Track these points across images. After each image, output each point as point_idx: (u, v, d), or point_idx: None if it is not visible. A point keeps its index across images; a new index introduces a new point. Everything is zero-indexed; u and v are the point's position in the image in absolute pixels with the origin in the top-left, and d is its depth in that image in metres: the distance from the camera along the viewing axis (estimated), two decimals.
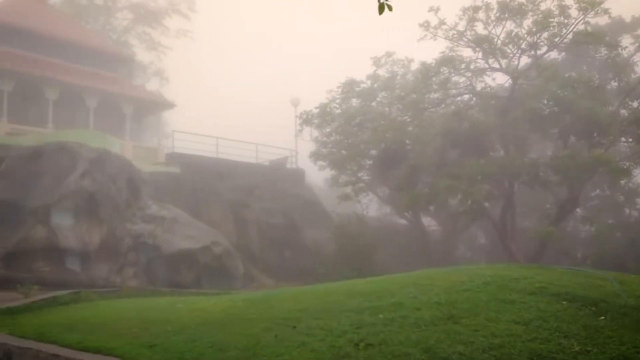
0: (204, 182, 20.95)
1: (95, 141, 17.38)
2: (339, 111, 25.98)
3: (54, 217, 14.56)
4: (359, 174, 26.03)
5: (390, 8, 4.47)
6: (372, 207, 29.40)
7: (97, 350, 6.08)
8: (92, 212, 15.18)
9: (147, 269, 15.81)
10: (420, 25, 21.39)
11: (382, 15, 4.51)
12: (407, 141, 22.95)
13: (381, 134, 22.17)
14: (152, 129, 29.73)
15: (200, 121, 39.75)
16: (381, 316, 6.83)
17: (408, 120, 23.27)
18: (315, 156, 26.36)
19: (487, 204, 20.67)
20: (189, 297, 12.16)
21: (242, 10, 75.02)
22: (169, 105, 27.76)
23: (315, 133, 26.86)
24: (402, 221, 26.83)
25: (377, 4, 4.50)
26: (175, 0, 40.29)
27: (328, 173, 28.10)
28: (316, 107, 25.58)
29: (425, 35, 21.61)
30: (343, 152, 25.40)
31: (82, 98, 23.68)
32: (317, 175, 32.17)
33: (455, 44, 21.79)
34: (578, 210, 24.62)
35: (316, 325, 6.60)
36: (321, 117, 25.44)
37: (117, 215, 15.76)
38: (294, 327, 6.64)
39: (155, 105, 27.40)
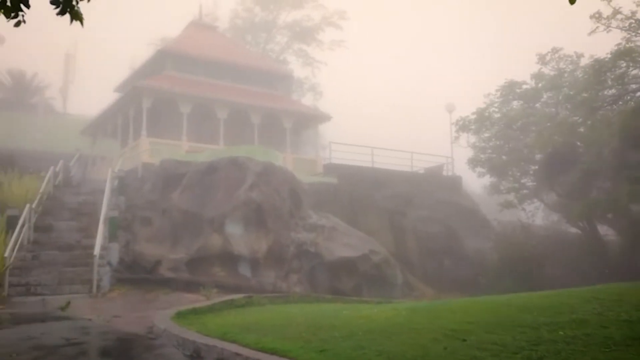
0: (360, 191, 21.30)
1: (260, 155, 18.61)
2: (498, 115, 24.78)
3: (227, 226, 15.80)
4: (523, 180, 24.50)
5: None
6: (537, 215, 27.49)
7: (272, 352, 6.40)
8: (259, 221, 16.20)
9: (310, 275, 16.41)
10: (591, 16, 19.58)
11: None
12: (578, 143, 21.09)
13: (547, 136, 20.65)
14: (309, 141, 31.11)
15: (353, 131, 40.71)
16: (561, 333, 6.27)
17: (579, 121, 21.38)
18: (474, 162, 25.39)
19: None
20: (351, 304, 12.38)
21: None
22: (325, 117, 28.83)
23: (473, 139, 25.92)
24: (574, 230, 24.63)
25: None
26: (328, 12, 41.82)
27: (487, 180, 26.91)
28: (473, 113, 24.69)
29: (597, 28, 19.73)
30: (504, 157, 24.13)
31: (248, 115, 25.61)
32: (475, 182, 30.99)
33: (633, 34, 19.57)
34: None
35: (488, 340, 6.25)
36: (479, 122, 24.47)
37: (282, 224, 16.61)
38: (464, 340, 6.36)
39: (313, 119, 28.63)
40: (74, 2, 4.06)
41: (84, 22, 4.18)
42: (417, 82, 63.96)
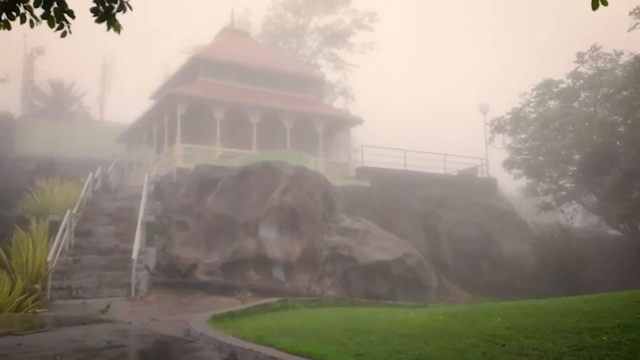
0: (393, 194, 21.17)
1: (293, 159, 18.72)
2: (534, 115, 24.30)
3: (261, 230, 15.92)
4: (560, 182, 23.95)
5: (605, 2, 4.05)
6: (576, 217, 26.83)
7: (308, 356, 6.40)
8: (293, 225, 16.27)
9: (344, 279, 16.38)
10: (631, 13, 19.03)
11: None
12: (618, 143, 20.50)
13: (586, 136, 20.13)
14: (341, 145, 31.13)
15: (382, 132, 40.54)
16: (605, 338, 6.08)
17: (619, 120, 20.78)
18: (509, 164, 24.96)
19: None
20: (386, 308, 12.29)
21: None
22: (357, 121, 28.81)
23: (508, 140, 25.50)
24: (614, 232, 23.94)
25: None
26: (358, 15, 41.80)
27: (523, 182, 26.42)
28: (508, 113, 24.28)
29: (638, 24, 19.15)
30: (540, 158, 23.64)
31: (280, 120, 25.79)
32: (511, 184, 30.47)
33: None
34: None
35: (528, 345, 6.12)
36: (514, 123, 24.05)
37: (315, 228, 16.65)
38: (503, 345, 6.24)
39: (344, 122, 28.64)
40: (114, 12, 4.20)
41: (120, 30, 4.32)
42: (440, 83, 63.33)
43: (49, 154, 26.01)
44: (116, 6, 4.17)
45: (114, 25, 4.24)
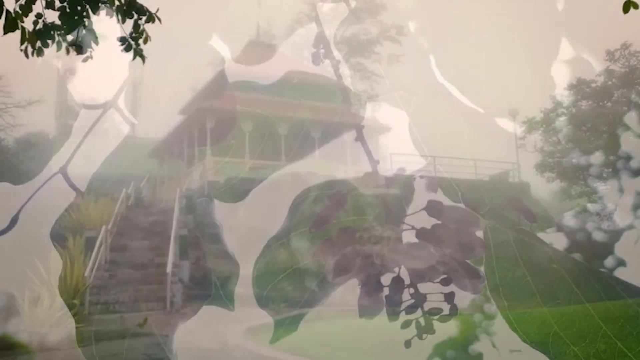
0: (424, 201, 20.99)
1: (322, 169, 18.74)
2: (566, 116, 23.86)
3: (292, 241, 15.93)
4: (595, 184, 23.41)
5: (635, 6, 3.98)
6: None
7: None
8: (324, 234, 16.25)
9: (377, 288, 16.27)
10: None
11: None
12: None
13: (620, 137, 19.67)
14: (370, 153, 31.05)
15: (411, 139, 40.14)
16: None
17: None
18: (542, 168, 24.49)
19: None
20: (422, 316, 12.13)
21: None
22: (384, 128, 28.69)
23: (540, 143, 25.03)
24: None
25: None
26: (385, 26, 41.73)
27: (557, 185, 25.90)
28: (541, 110, 23.88)
29: None
30: (574, 161, 23.15)
31: (308, 130, 25.87)
32: (544, 188, 29.87)
33: None
34: None
35: (571, 352, 5.95)
36: (546, 124, 23.64)
37: (346, 237, 16.56)
38: (544, 353, 6.11)
39: (372, 130, 28.55)
40: (137, 45, 4.36)
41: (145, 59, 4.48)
42: (462, 85, 62.61)
43: (84, 172, 26.61)
44: (144, 18, 4.31)
45: (138, 54, 4.42)
